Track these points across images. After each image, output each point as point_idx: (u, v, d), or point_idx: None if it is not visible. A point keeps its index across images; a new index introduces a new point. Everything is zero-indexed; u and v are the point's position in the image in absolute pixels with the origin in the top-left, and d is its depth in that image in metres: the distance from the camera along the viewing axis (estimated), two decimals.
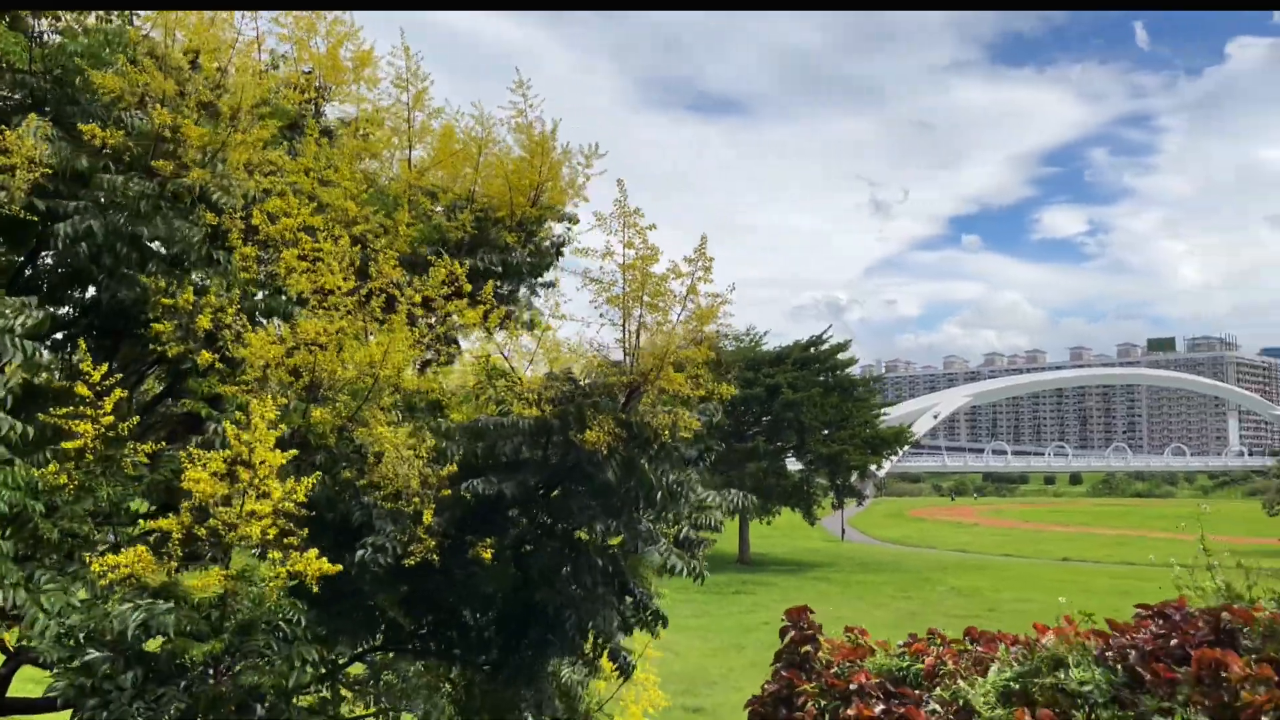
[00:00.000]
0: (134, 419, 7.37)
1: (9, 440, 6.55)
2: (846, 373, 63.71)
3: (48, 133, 7.53)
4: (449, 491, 7.38)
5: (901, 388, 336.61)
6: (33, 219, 7.55)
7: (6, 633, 7.67)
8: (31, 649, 6.50)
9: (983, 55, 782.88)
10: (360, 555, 7.10)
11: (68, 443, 6.80)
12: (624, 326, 7.85)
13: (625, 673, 9.17)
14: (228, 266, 7.99)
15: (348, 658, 9.15)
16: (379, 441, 7.25)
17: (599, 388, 7.80)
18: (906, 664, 5.54)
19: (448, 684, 9.77)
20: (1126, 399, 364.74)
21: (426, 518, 7.14)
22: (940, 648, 5.68)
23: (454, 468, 7.45)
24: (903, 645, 5.88)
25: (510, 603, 8.24)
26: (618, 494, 7.78)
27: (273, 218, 7.85)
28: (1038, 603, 38.06)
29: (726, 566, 56.86)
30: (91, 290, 8.49)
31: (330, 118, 10.03)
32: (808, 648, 5.90)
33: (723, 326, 8.17)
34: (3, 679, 8.35)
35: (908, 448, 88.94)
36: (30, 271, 8.60)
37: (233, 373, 7.53)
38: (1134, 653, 4.75)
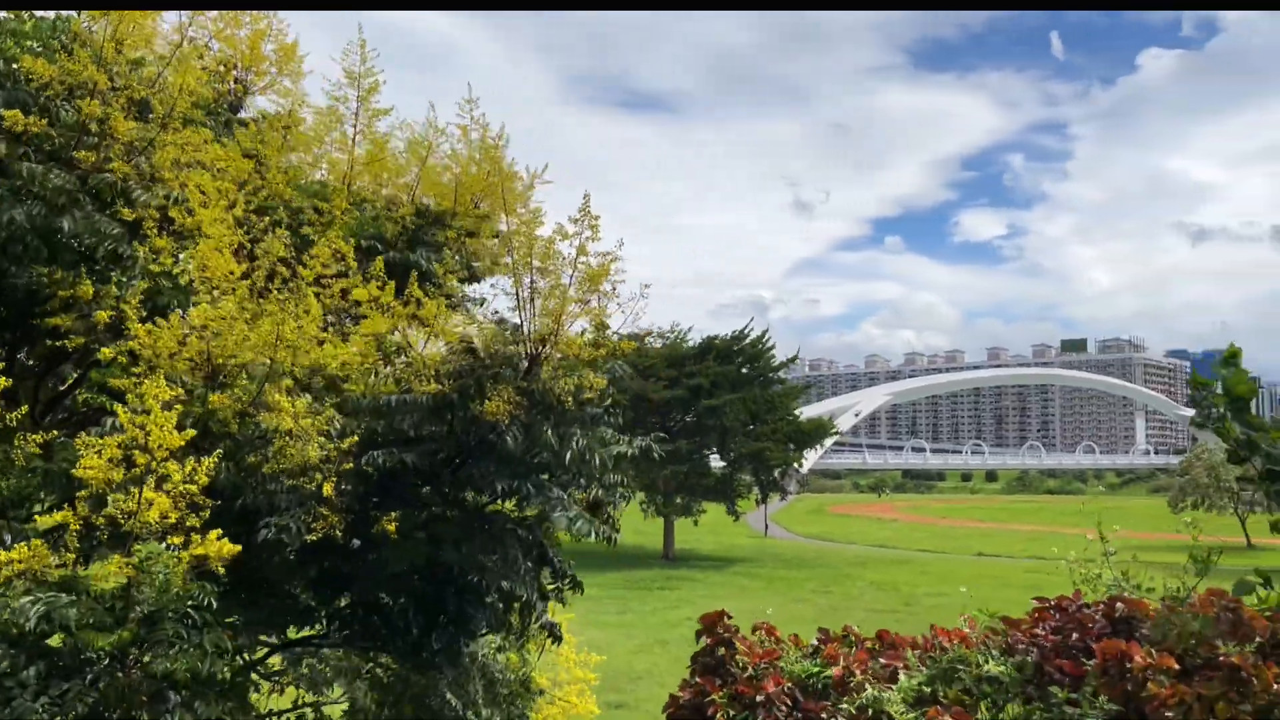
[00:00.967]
0: (22, 409, 7.13)
1: None
2: (768, 359, 64.22)
3: None
4: (350, 465, 7.31)
5: (824, 386, 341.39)
6: None
7: None
8: None
9: (905, 60, 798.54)
10: (264, 535, 6.99)
11: None
12: (517, 294, 7.85)
13: (556, 638, 9.19)
14: (134, 260, 7.77)
15: (266, 648, 8.98)
16: (277, 414, 7.14)
17: (499, 359, 7.81)
18: (817, 669, 5.57)
19: (368, 669, 9.65)
20: (1041, 398, 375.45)
21: (327, 489, 7.05)
22: (852, 650, 5.73)
23: (354, 439, 7.36)
24: (815, 643, 5.93)
25: (426, 580, 8.16)
26: (523, 462, 7.79)
27: (188, 210, 7.65)
28: (953, 597, 38.97)
29: (651, 563, 57.05)
30: None
31: (255, 111, 9.86)
32: (723, 651, 5.90)
33: (616, 308, 8.21)
34: None
35: (830, 444, 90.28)
36: None
37: (136, 364, 7.35)
38: (1036, 649, 4.88)
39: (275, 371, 7.47)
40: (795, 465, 68.30)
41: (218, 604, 6.57)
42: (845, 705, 5.08)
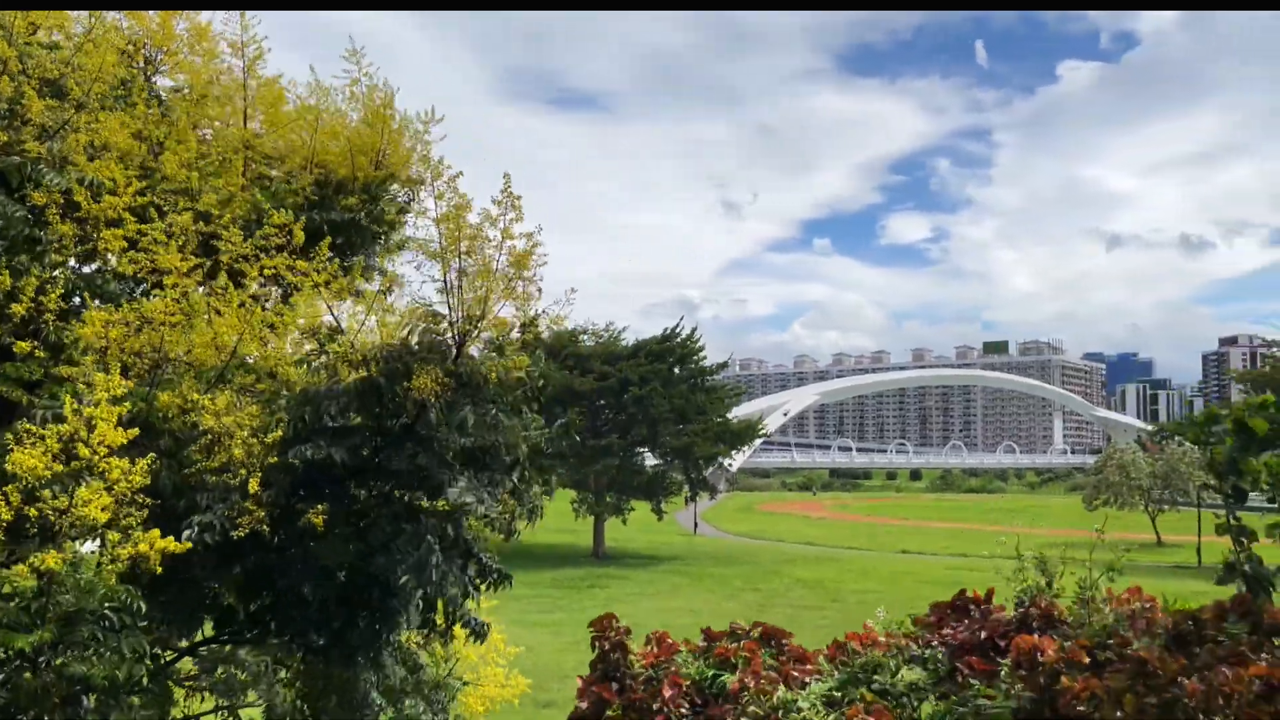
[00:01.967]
0: None
1: None
2: (699, 361, 64.58)
3: None
4: (276, 459, 7.21)
5: (754, 386, 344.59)
6: None
7: None
8: None
9: (835, 65, 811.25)
10: (187, 534, 6.82)
11: None
12: (445, 278, 7.92)
13: (480, 636, 9.09)
14: (46, 248, 7.51)
15: (179, 651, 8.74)
16: (199, 412, 7.01)
17: (427, 344, 7.83)
18: (712, 672, 5.59)
19: (285, 669, 9.44)
20: (963, 399, 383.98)
21: (252, 486, 6.94)
22: (740, 643, 5.76)
23: (279, 434, 7.26)
24: (703, 642, 5.94)
25: (352, 575, 8.06)
26: (441, 443, 7.81)
27: (95, 195, 7.40)
28: (877, 593, 39.66)
29: (581, 562, 56.97)
30: None
31: (165, 88, 9.58)
32: (617, 655, 5.90)
33: (557, 322, 8.34)
34: None
35: (759, 443, 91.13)
36: None
37: (54, 357, 7.10)
38: (945, 649, 4.99)
39: (224, 371, 7.38)
40: (725, 463, 68.80)
41: (140, 601, 6.40)
42: (753, 709, 5.12)
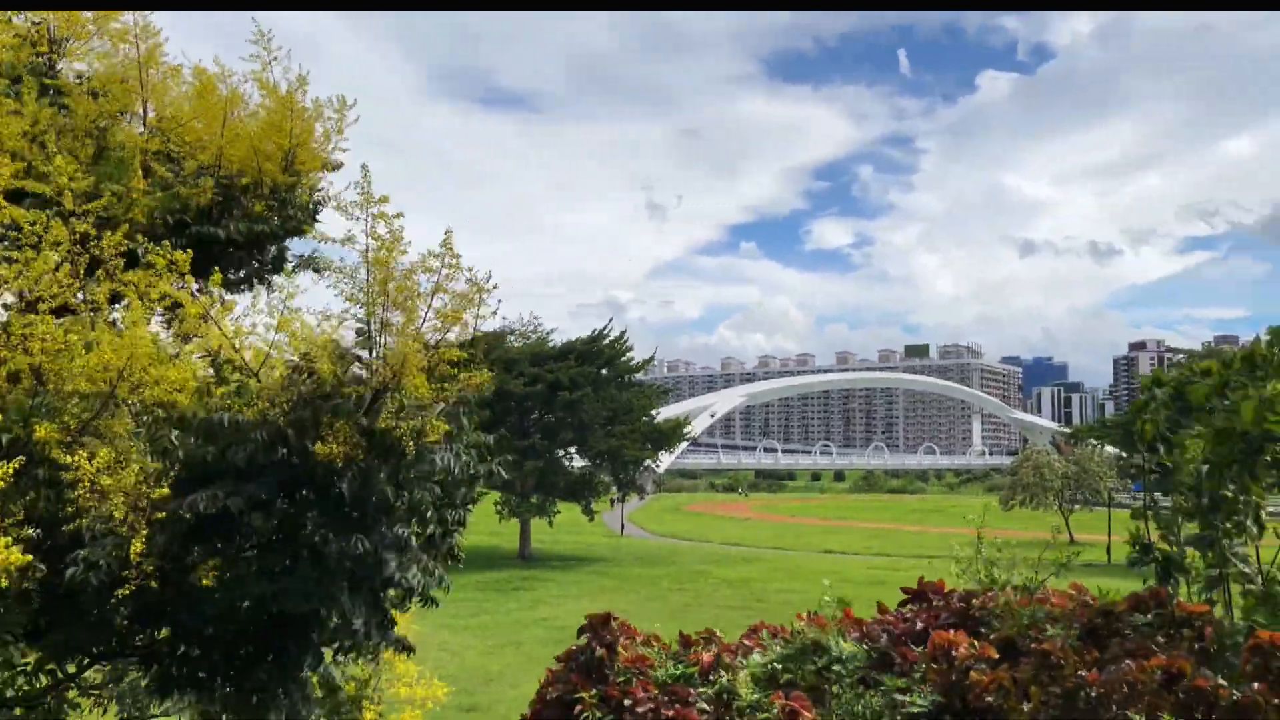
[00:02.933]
0: None
1: None
2: (627, 361, 64.69)
3: None
4: (164, 515, 6.67)
5: (682, 387, 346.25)
6: None
7: None
8: None
9: (762, 70, 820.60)
10: (71, 574, 6.29)
11: None
12: (369, 325, 7.45)
13: (407, 650, 8.89)
14: None
15: (80, 666, 8.36)
16: (77, 465, 6.31)
17: (340, 391, 7.27)
18: (682, 671, 5.66)
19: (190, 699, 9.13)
20: (886, 401, 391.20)
21: (136, 546, 6.34)
22: (714, 649, 5.85)
23: (165, 491, 6.70)
24: (681, 648, 6.01)
25: (257, 612, 7.51)
26: (356, 507, 7.35)
27: None
28: (801, 592, 40.16)
29: (506, 564, 56.63)
30: None
31: (69, 76, 8.91)
32: (603, 653, 5.90)
33: (483, 319, 7.89)
34: None
35: (686, 445, 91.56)
36: None
37: None
38: (885, 636, 5.11)
39: (113, 398, 6.76)
40: (652, 465, 68.99)
41: (27, 620, 6.09)
42: (704, 690, 5.20)
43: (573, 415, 59.56)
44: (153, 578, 6.51)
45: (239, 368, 7.62)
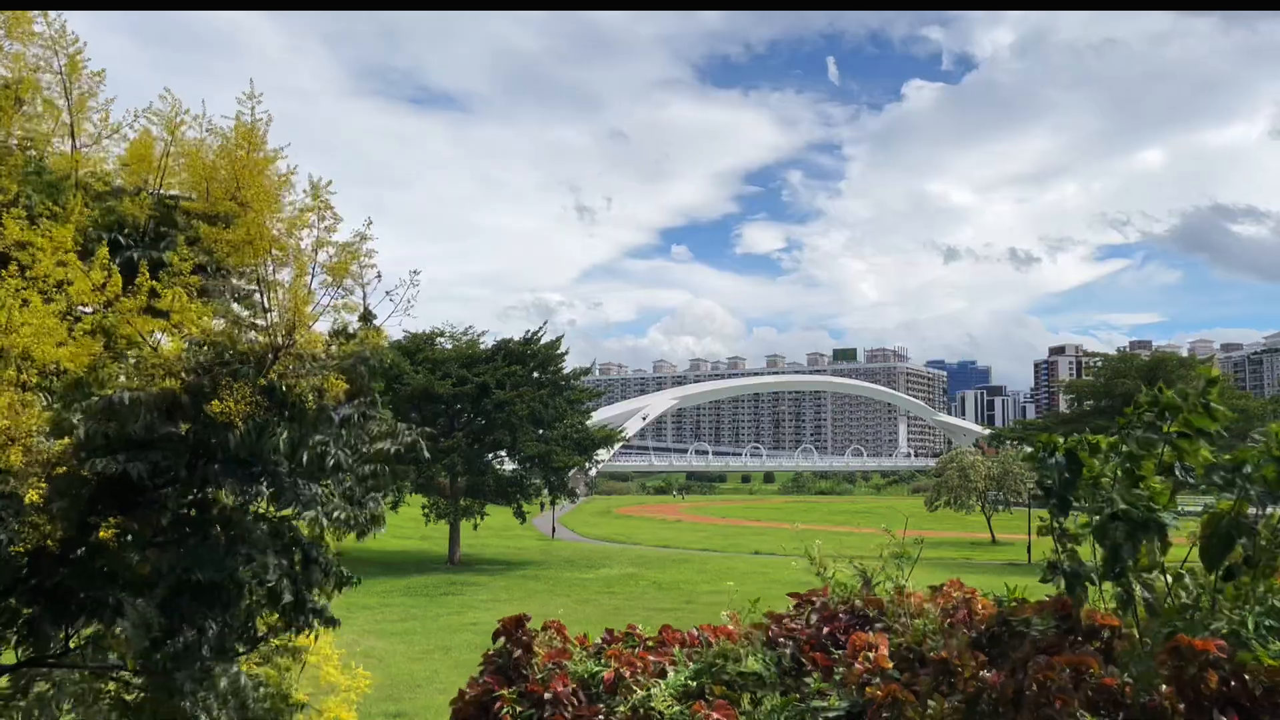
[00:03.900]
0: None
1: None
2: (560, 367, 64.48)
3: None
4: (64, 470, 6.64)
5: (614, 390, 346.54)
6: None
7: None
8: None
9: (692, 74, 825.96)
10: None
11: None
12: (259, 285, 7.51)
13: (330, 623, 8.74)
14: None
15: None
16: None
17: (239, 355, 7.35)
18: (598, 669, 5.69)
19: (108, 692, 8.87)
20: (814, 404, 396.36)
21: (32, 496, 6.32)
22: (635, 649, 5.87)
23: (68, 440, 6.70)
24: (599, 644, 6.04)
25: (175, 588, 7.45)
26: (252, 463, 7.38)
27: None
28: (730, 594, 40.42)
29: (435, 569, 56.01)
30: None
31: None
32: (519, 653, 5.91)
33: (411, 319, 7.93)
34: None
35: (618, 447, 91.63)
36: None
37: None
38: (793, 643, 5.19)
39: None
40: (582, 470, 68.85)
41: None
42: (620, 708, 5.20)
43: (503, 419, 59.10)
44: (53, 538, 6.43)
45: (134, 343, 7.52)
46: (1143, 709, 4.13)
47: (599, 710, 5.24)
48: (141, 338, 7.44)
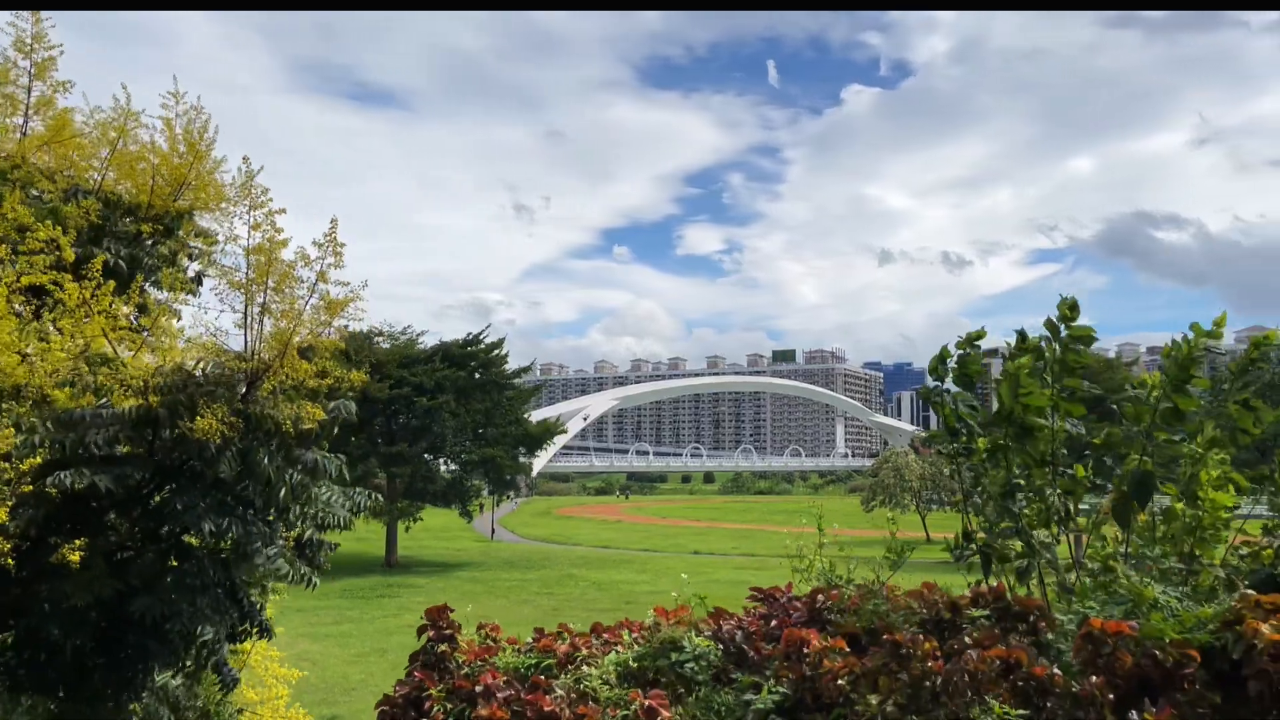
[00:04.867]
0: None
1: None
2: (502, 368, 64.09)
3: None
4: (30, 487, 6.47)
5: (555, 390, 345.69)
6: None
7: None
8: None
9: (633, 76, 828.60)
10: None
11: None
12: (246, 311, 7.33)
13: (228, 686, 8.54)
14: None
15: None
16: None
17: (216, 377, 7.18)
18: (535, 660, 5.67)
19: (38, 710, 8.60)
20: (754, 404, 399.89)
21: (0, 516, 6.14)
22: (569, 640, 5.88)
23: (37, 460, 6.52)
24: (531, 641, 6.02)
25: (107, 615, 7.25)
26: (232, 491, 7.18)
27: None
28: (669, 593, 40.51)
29: (372, 571, 55.32)
30: None
31: None
32: (444, 647, 5.87)
33: (355, 320, 7.82)
34: None
35: (559, 447, 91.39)
36: None
37: None
38: (740, 633, 5.23)
39: None
40: (524, 469, 68.56)
41: None
42: (562, 679, 5.20)
43: (438, 420, 58.54)
44: (7, 555, 6.24)
45: (108, 359, 7.34)
46: (1073, 698, 4.22)
47: (544, 682, 5.21)
48: (115, 353, 7.27)
